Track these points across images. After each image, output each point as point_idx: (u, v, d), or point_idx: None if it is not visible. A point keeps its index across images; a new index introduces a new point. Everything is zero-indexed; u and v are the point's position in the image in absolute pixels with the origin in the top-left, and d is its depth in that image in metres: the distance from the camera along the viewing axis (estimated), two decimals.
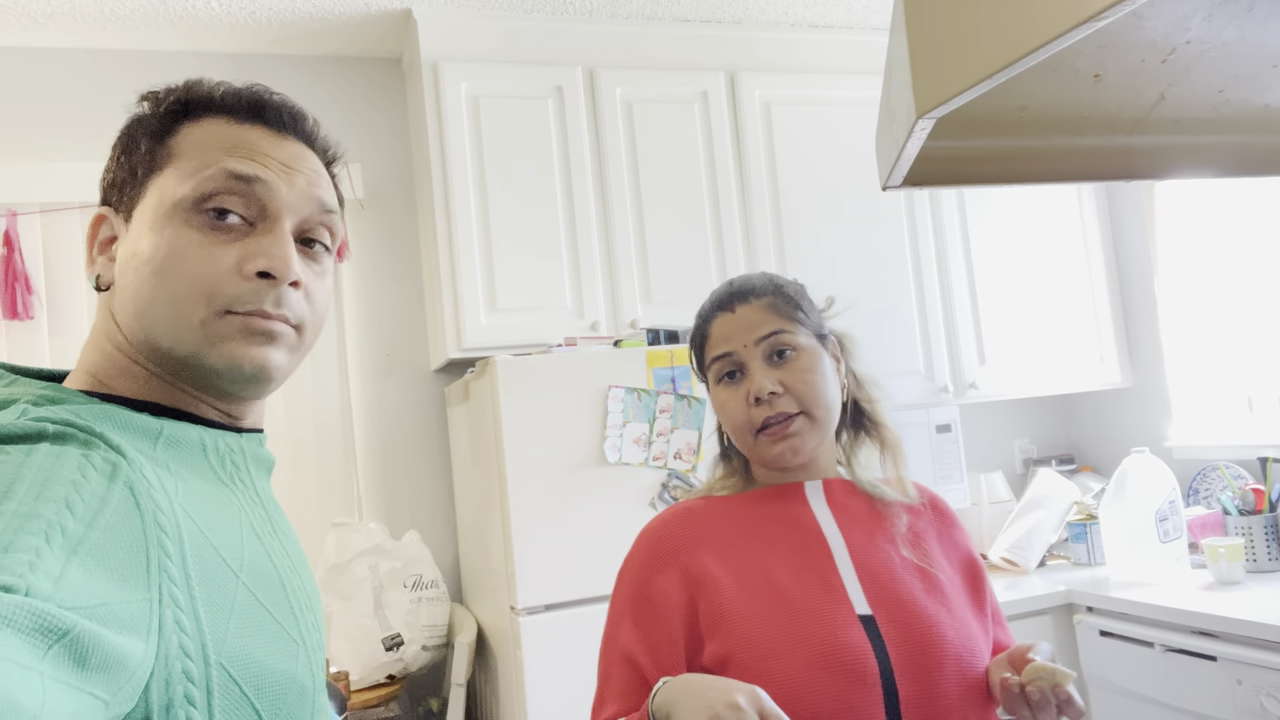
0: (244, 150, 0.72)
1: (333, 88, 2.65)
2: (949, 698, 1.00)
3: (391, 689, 2.26)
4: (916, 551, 1.11)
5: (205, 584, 0.63)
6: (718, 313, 1.14)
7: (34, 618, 0.49)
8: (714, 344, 1.13)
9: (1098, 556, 2.70)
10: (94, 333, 0.75)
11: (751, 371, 1.10)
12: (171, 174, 0.71)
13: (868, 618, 1.02)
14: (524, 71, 2.49)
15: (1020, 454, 3.25)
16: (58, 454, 0.59)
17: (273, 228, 0.72)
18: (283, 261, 0.70)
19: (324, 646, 0.76)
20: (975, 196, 2.90)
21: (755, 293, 1.13)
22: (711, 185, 2.64)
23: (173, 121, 0.74)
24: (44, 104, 2.45)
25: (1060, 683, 0.94)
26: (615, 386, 2.11)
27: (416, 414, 2.68)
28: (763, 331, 1.10)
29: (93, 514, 0.57)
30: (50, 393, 0.68)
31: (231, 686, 0.63)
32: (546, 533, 2.04)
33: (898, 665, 0.99)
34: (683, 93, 2.64)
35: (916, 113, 0.57)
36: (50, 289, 2.35)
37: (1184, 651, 2.10)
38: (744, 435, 1.11)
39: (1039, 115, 0.76)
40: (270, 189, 0.71)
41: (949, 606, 1.06)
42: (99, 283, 0.73)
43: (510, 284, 2.41)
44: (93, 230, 0.75)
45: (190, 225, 0.70)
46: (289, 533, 0.80)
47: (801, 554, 1.07)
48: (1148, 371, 3.01)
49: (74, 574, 0.54)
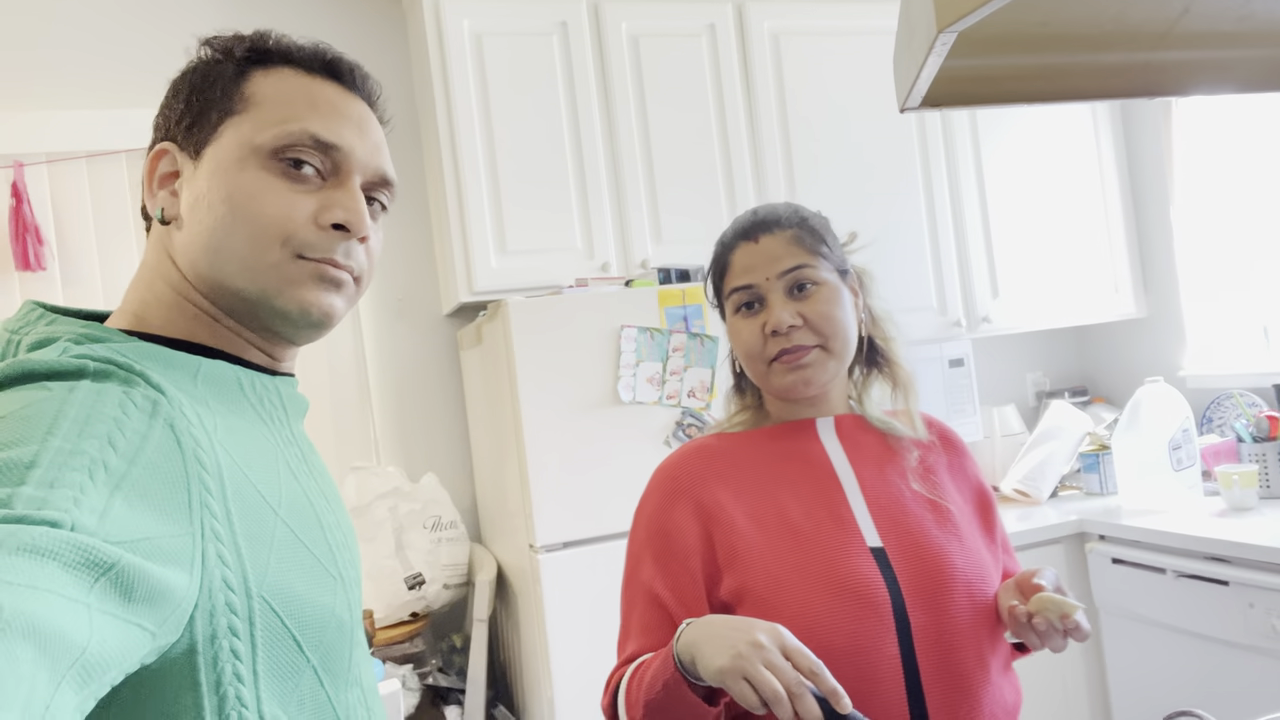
0: (324, 109, 0.75)
1: (332, 28, 2.60)
2: (960, 625, 1.01)
3: (415, 626, 2.31)
4: (927, 485, 1.11)
5: (245, 519, 0.65)
6: (740, 241, 1.12)
7: (80, 551, 0.50)
8: (735, 274, 1.12)
9: (1110, 486, 2.72)
10: (143, 270, 0.77)
11: (771, 304, 1.09)
12: (249, 119, 0.73)
13: (878, 549, 1.03)
14: (527, 7, 2.44)
15: (1033, 387, 3.24)
16: (99, 391, 0.61)
17: (345, 182, 0.75)
18: (358, 216, 0.74)
19: (360, 583, 0.78)
20: (989, 129, 2.86)
21: (780, 223, 1.11)
22: (720, 120, 2.60)
23: (247, 66, 0.75)
24: (48, 53, 2.42)
25: (1067, 613, 0.95)
26: (628, 326, 2.11)
27: (430, 358, 2.69)
28: (786, 265, 1.08)
29: (135, 450, 0.59)
30: (91, 331, 0.69)
31: (272, 618, 0.64)
32: (563, 472, 2.06)
33: (909, 595, 1.01)
34: (690, 25, 2.59)
35: (938, 27, 0.55)
36: (61, 239, 2.35)
37: (1196, 577, 2.12)
38: (756, 364, 1.11)
39: (1061, 31, 0.74)
40: (346, 154, 0.75)
41: (959, 536, 1.08)
42: (164, 215, 0.74)
43: (519, 226, 2.39)
44: (153, 163, 0.76)
45: (268, 170, 0.72)
46: (324, 473, 0.81)
47: (813, 489, 1.08)
48: (1163, 301, 2.99)
49: (118, 509, 0.55)
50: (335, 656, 0.71)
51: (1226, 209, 2.80)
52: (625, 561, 1.13)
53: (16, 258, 2.27)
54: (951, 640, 1.00)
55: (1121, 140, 3.02)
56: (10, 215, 2.28)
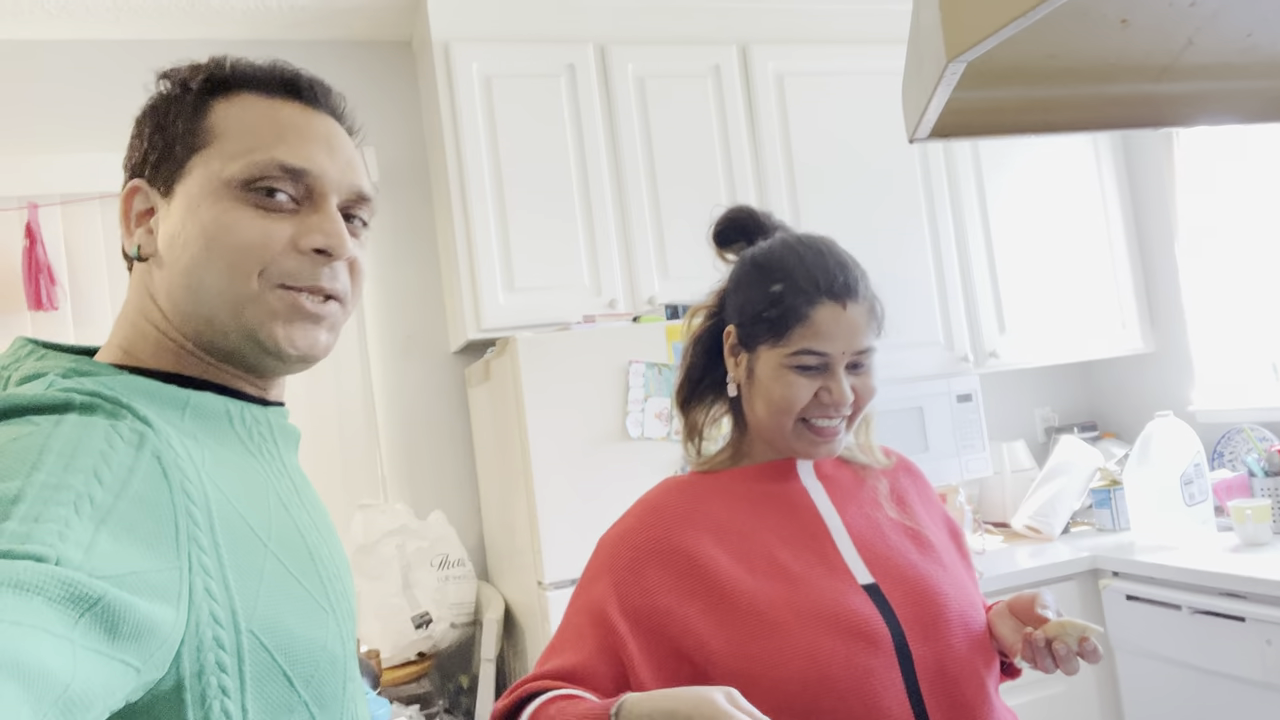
0: (289, 134, 0.73)
1: (344, 72, 2.65)
2: (958, 655, 1.01)
3: (422, 666, 2.28)
4: (903, 512, 1.12)
5: (234, 552, 0.64)
6: (827, 300, 1.04)
7: (65, 586, 0.49)
8: (812, 334, 1.03)
9: (1122, 522, 2.69)
10: (127, 308, 0.76)
11: (836, 376, 1.05)
12: (216, 153, 0.72)
13: (871, 586, 1.02)
14: (535, 50, 2.49)
15: (1042, 422, 3.23)
16: (85, 424, 0.60)
17: (321, 205, 0.74)
18: (339, 239, 0.73)
19: (354, 616, 0.77)
20: (992, 164, 2.88)
21: (862, 293, 1.06)
22: (726, 159, 2.63)
23: (206, 97, 0.74)
24: (61, 96, 2.47)
25: (1086, 636, 0.95)
26: (636, 362, 2.12)
27: (438, 395, 2.70)
28: (861, 345, 1.05)
29: (121, 484, 0.58)
30: (79, 365, 0.69)
31: (262, 653, 0.63)
32: (571, 508, 2.06)
33: (907, 628, 1.00)
34: (695, 67, 2.63)
35: (947, 57, 0.57)
36: (73, 279, 2.38)
37: (1212, 613, 2.09)
38: (786, 418, 1.06)
39: (1067, 63, 0.75)
40: (318, 177, 0.73)
41: (943, 565, 1.08)
42: (140, 253, 0.74)
43: (527, 263, 2.41)
44: (127, 201, 0.75)
45: (241, 201, 0.71)
46: (317, 504, 0.80)
47: (798, 531, 1.07)
48: (1170, 336, 2.99)
49: (103, 543, 0.54)
50: (328, 692, 0.69)
51: (1231, 242, 2.81)
52: (579, 580, 1.08)
53: (29, 297, 2.29)
54: (952, 670, 1.00)
55: (1124, 174, 3.04)
56: (24, 255, 2.30)
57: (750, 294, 1.09)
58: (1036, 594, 1.04)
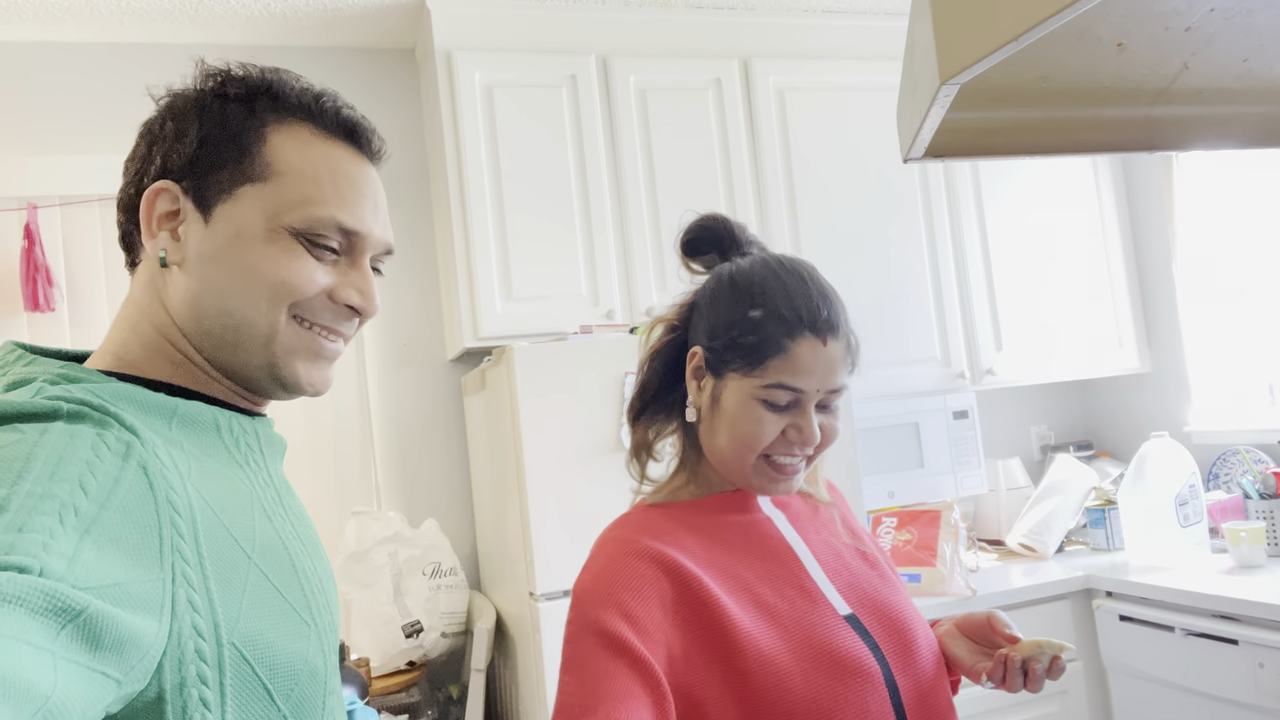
0: (347, 191, 0.75)
1: (346, 79, 2.66)
2: (929, 678, 1.00)
3: (412, 675, 2.27)
4: (853, 536, 1.11)
5: (218, 564, 0.64)
6: (809, 334, 0.97)
7: (47, 598, 0.49)
8: (789, 369, 0.96)
9: (1116, 542, 2.69)
10: (129, 308, 0.75)
11: (806, 414, 0.98)
12: (273, 193, 0.73)
13: (850, 617, 1.00)
14: (538, 60, 2.49)
15: (1038, 440, 3.23)
16: (72, 433, 0.60)
17: (358, 262, 0.78)
18: (370, 300, 0.78)
19: (337, 629, 0.77)
20: (991, 182, 2.89)
21: (841, 329, 0.99)
22: (726, 172, 2.64)
23: (264, 121, 0.74)
24: (62, 98, 2.47)
25: (1058, 654, 0.96)
26: (631, 373, 2.11)
27: (433, 403, 2.69)
28: (835, 384, 0.99)
29: (106, 494, 0.58)
30: (68, 372, 0.68)
31: (243, 666, 0.63)
32: (564, 519, 2.05)
33: (890, 657, 0.98)
34: (697, 80, 2.64)
35: (940, 79, 0.57)
36: (71, 281, 2.38)
37: (1205, 635, 2.09)
38: (748, 453, 0.99)
39: (1061, 86, 0.75)
40: (364, 237, 0.77)
41: (895, 586, 1.07)
42: (165, 260, 0.73)
43: (526, 273, 2.41)
44: (151, 201, 0.73)
45: (295, 242, 0.73)
46: (302, 515, 0.80)
47: (771, 563, 1.02)
48: (1167, 357, 2.99)
49: (87, 554, 0.54)
50: (308, 705, 0.69)
51: (1229, 264, 2.81)
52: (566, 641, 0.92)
53: (26, 299, 2.29)
54: (928, 696, 0.99)
55: (1123, 195, 3.05)
56: (22, 257, 2.30)
57: (724, 316, 1.00)
58: (990, 614, 1.02)
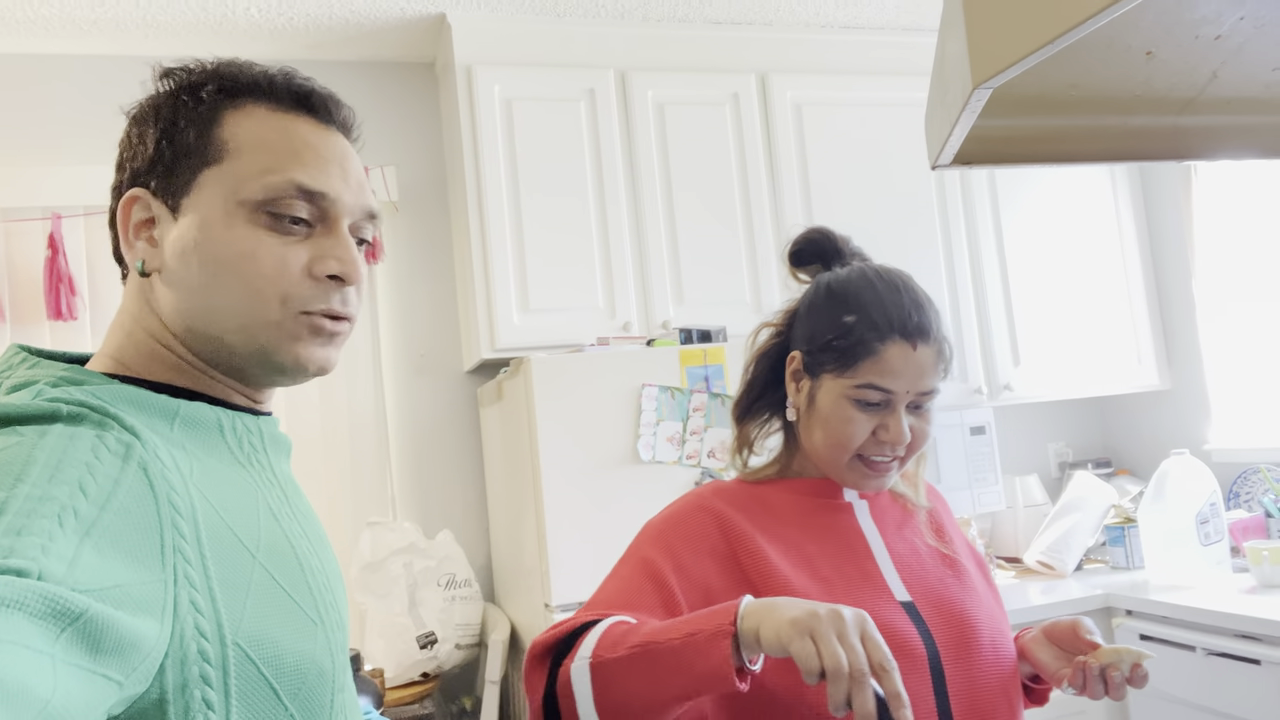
0: (306, 155, 0.73)
1: (367, 92, 2.69)
2: (989, 678, 1.01)
3: (426, 687, 2.27)
4: (941, 540, 1.13)
5: (221, 564, 0.63)
6: (899, 338, 1.03)
7: (47, 602, 0.49)
8: (880, 371, 1.03)
9: (1136, 560, 2.66)
10: (122, 316, 0.75)
11: (897, 414, 1.04)
12: (230, 170, 0.71)
13: (908, 604, 1.04)
14: (556, 74, 2.51)
15: (1056, 457, 3.21)
16: (71, 435, 0.60)
17: (333, 229, 0.74)
18: (352, 266, 0.73)
19: (345, 628, 0.76)
20: (1008, 196, 2.88)
21: (933, 335, 1.05)
22: (743, 186, 2.64)
23: (217, 106, 0.73)
24: (87, 110, 2.50)
25: (1139, 662, 0.96)
26: (649, 385, 2.12)
27: (449, 414, 2.70)
28: (926, 386, 1.04)
29: (106, 496, 0.57)
30: (70, 374, 0.68)
31: (248, 666, 0.63)
32: (581, 531, 2.05)
33: (943, 648, 1.01)
34: (714, 95, 2.65)
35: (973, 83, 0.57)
36: (93, 289, 2.40)
37: (1227, 655, 2.06)
38: (841, 452, 1.06)
39: (1090, 94, 0.76)
40: (334, 201, 0.73)
41: (976, 592, 1.09)
42: (144, 268, 0.73)
43: (543, 285, 2.42)
44: (125, 211, 0.73)
45: (257, 224, 0.71)
46: (309, 514, 0.79)
47: (838, 544, 1.08)
48: (1186, 373, 2.97)
49: (87, 556, 0.54)
50: (316, 706, 0.68)
51: (1249, 280, 2.79)
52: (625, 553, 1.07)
53: (49, 307, 2.31)
54: (983, 694, 1.00)
55: (1142, 209, 3.03)
56: (46, 266, 2.33)
57: (821, 321, 1.08)
58: (1076, 621, 1.04)
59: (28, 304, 2.34)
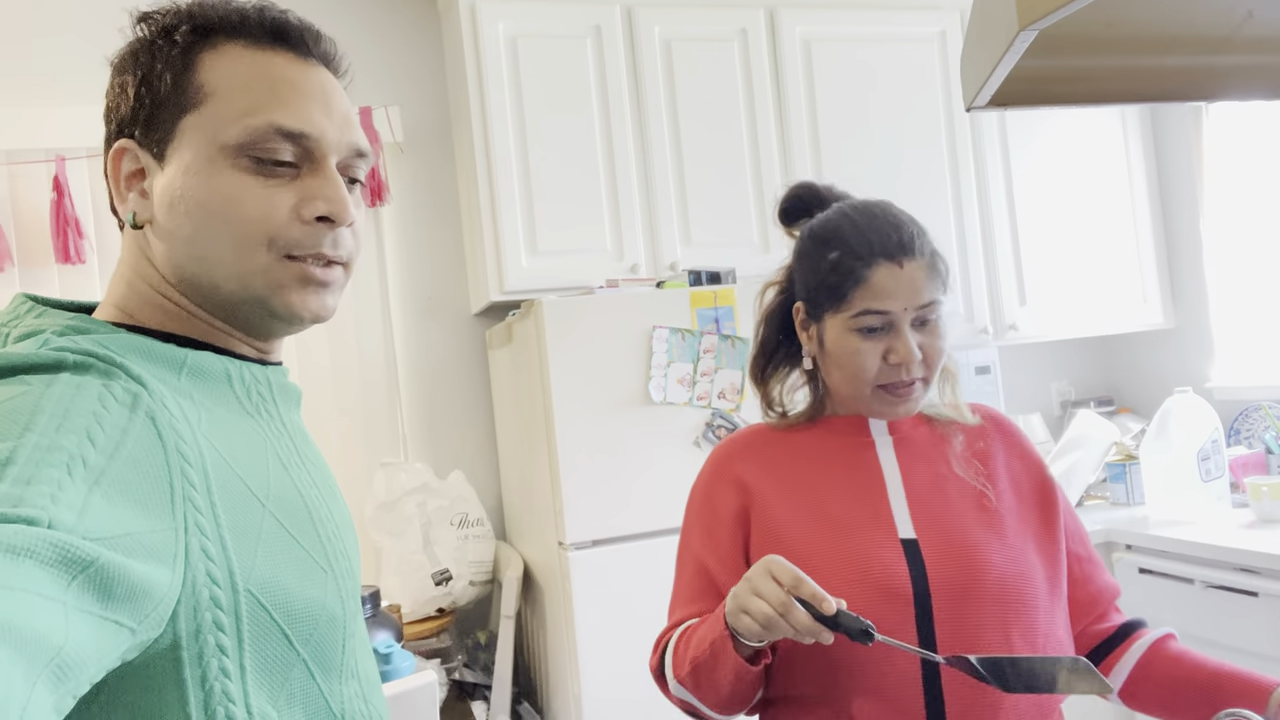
0: (284, 92, 0.70)
1: (368, 29, 2.63)
2: (987, 621, 1.01)
3: (442, 621, 2.32)
4: (973, 472, 1.11)
5: (231, 512, 0.64)
6: (883, 260, 1.06)
7: (57, 550, 0.49)
8: (872, 295, 1.05)
9: (1137, 496, 2.71)
10: (121, 268, 0.75)
11: (901, 334, 1.06)
12: (209, 115, 0.69)
13: (909, 541, 1.05)
14: (562, 10, 2.46)
15: (1058, 396, 3.24)
16: (78, 384, 0.59)
17: (320, 169, 0.72)
18: (341, 205, 0.71)
19: (356, 575, 0.77)
20: (1018, 136, 2.86)
21: (919, 250, 1.07)
22: (750, 124, 2.62)
23: (192, 49, 0.71)
24: (89, 50, 2.46)
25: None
26: (660, 327, 2.12)
27: (458, 356, 2.71)
28: (924, 300, 1.06)
29: (114, 445, 0.58)
30: (77, 323, 0.68)
31: (260, 612, 0.64)
32: (593, 471, 2.08)
33: (936, 588, 1.01)
34: (722, 30, 2.60)
35: (1019, 25, 0.57)
36: (100, 233, 2.39)
37: (1225, 588, 2.11)
38: (861, 385, 1.08)
39: (1126, 34, 0.75)
40: (317, 139, 0.71)
41: (1001, 532, 1.07)
42: (136, 220, 0.72)
43: (551, 227, 2.41)
44: (115, 163, 0.72)
45: (240, 169, 0.69)
46: (319, 463, 0.80)
47: (854, 482, 1.10)
48: (1191, 312, 2.98)
49: (97, 505, 0.54)
50: (328, 650, 0.70)
51: (1256, 220, 2.79)
52: (680, 534, 1.19)
53: (57, 251, 2.30)
54: (975, 636, 1.00)
55: (1151, 150, 3.01)
56: (52, 209, 2.31)
57: (811, 265, 1.12)
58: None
59: (35, 248, 2.33)
